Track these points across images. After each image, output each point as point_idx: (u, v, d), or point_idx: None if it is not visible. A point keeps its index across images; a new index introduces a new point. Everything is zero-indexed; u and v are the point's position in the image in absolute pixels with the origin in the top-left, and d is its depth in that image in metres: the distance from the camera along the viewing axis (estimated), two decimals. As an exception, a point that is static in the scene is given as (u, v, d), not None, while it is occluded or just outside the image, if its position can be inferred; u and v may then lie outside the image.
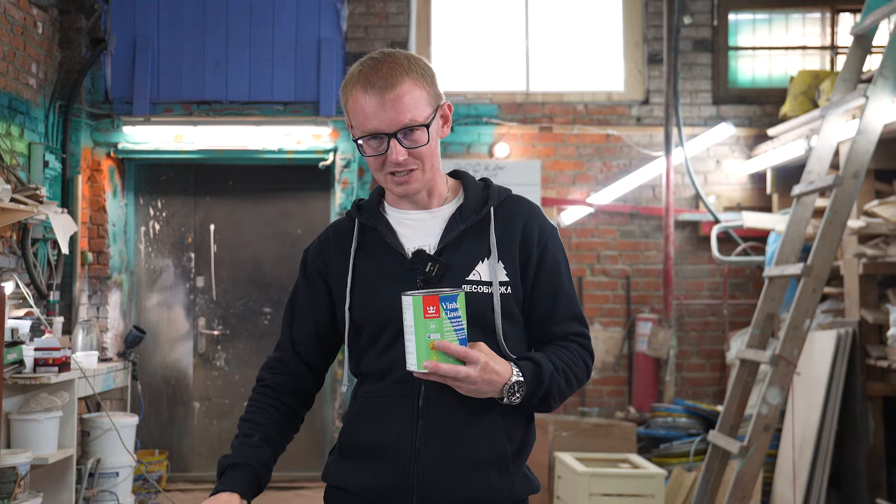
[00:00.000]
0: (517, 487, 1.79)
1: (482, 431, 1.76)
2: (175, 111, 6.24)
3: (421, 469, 1.74)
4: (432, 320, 1.65)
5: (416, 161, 1.77)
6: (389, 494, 1.76)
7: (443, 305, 1.64)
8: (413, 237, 1.83)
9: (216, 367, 6.46)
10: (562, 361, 1.79)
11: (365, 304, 1.82)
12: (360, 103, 1.75)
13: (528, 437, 1.85)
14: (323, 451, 6.43)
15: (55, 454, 4.49)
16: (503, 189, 1.90)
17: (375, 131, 1.74)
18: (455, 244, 1.81)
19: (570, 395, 1.82)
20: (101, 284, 6.11)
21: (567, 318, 1.85)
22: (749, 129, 6.30)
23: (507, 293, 1.79)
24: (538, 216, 1.87)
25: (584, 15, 6.52)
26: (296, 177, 6.47)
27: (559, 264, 1.85)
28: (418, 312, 1.65)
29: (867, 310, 4.81)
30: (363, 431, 1.81)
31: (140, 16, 6.25)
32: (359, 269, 1.84)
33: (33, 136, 5.57)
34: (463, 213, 1.83)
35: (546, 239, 1.84)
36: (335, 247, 1.91)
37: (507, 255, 1.80)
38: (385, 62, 1.75)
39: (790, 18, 6.56)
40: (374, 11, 6.31)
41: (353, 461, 1.83)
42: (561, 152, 6.31)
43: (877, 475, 4.78)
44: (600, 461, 5.00)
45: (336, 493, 1.87)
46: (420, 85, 1.75)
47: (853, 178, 4.04)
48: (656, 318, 6.07)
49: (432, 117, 1.77)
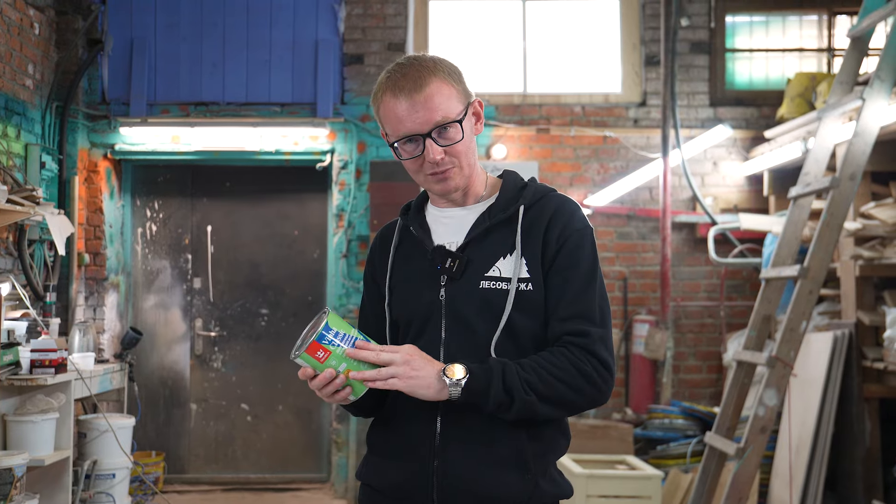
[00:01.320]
0: (542, 488, 1.77)
1: (502, 430, 1.76)
2: (172, 112, 6.23)
3: (441, 467, 1.76)
4: (332, 358, 1.68)
5: (452, 159, 1.80)
6: (411, 491, 1.79)
7: (323, 343, 1.67)
8: (446, 234, 1.87)
9: (213, 368, 6.45)
10: (536, 364, 1.72)
11: (399, 301, 1.88)
12: (392, 108, 1.78)
13: (557, 439, 1.83)
14: (320, 453, 6.43)
15: (51, 456, 4.48)
16: (543, 189, 1.89)
17: (410, 133, 1.78)
18: (479, 240, 1.83)
19: (569, 397, 1.73)
20: (97, 286, 6.10)
21: (571, 316, 1.77)
22: (746, 131, 6.31)
23: (527, 290, 1.78)
24: (566, 213, 1.83)
25: (582, 17, 6.53)
26: (293, 178, 6.47)
27: (577, 262, 1.80)
28: (315, 364, 1.68)
29: (863, 312, 4.81)
30: (387, 430, 1.87)
31: (137, 17, 6.24)
32: (396, 267, 1.90)
33: (30, 137, 5.57)
34: (492, 210, 1.85)
35: (568, 235, 1.81)
36: (380, 249, 1.97)
37: (529, 251, 1.80)
38: (411, 66, 1.79)
39: (787, 21, 6.57)
40: (372, 13, 6.31)
41: (379, 459, 1.87)
42: (558, 154, 6.31)
43: (873, 476, 4.79)
44: (597, 463, 5.01)
45: (366, 490, 1.92)
46: (448, 83, 1.79)
47: (850, 180, 4.04)
48: (653, 319, 6.08)
49: (464, 114, 1.81)
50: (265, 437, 6.43)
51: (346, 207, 6.18)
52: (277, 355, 6.40)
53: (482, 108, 1.89)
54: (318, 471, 6.42)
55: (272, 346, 6.43)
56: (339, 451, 6.10)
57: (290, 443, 6.44)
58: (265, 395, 6.44)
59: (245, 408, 6.43)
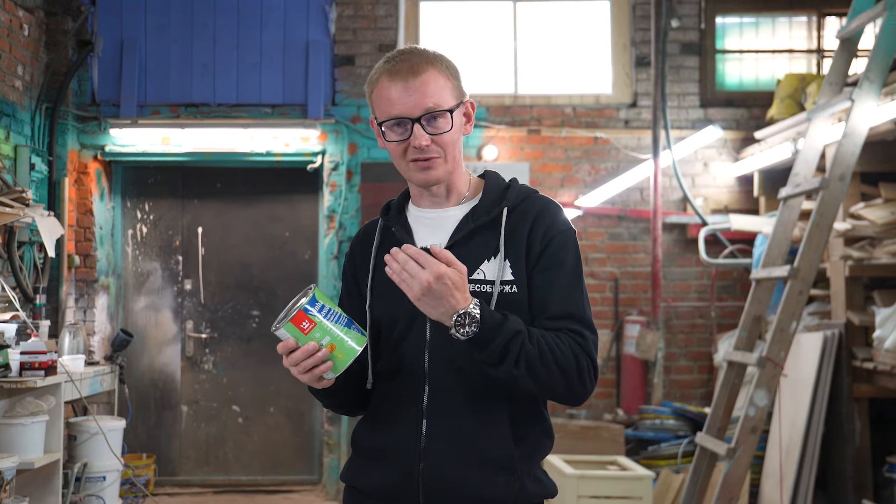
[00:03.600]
0: (528, 490, 1.78)
1: (487, 432, 1.76)
2: (162, 114, 6.22)
3: (426, 469, 1.76)
4: (316, 330, 1.65)
5: (438, 149, 1.80)
6: (397, 494, 1.79)
7: (309, 314, 1.65)
8: (428, 236, 1.86)
9: (204, 370, 6.44)
10: (542, 337, 1.71)
11: (380, 302, 1.85)
12: (386, 90, 1.79)
13: (541, 440, 1.83)
14: (311, 455, 6.42)
15: (41, 458, 4.46)
16: (526, 190, 1.89)
17: (399, 116, 1.78)
18: (463, 243, 1.82)
19: (547, 376, 1.70)
20: (87, 288, 6.08)
21: (562, 315, 1.76)
22: (736, 132, 6.32)
23: (511, 292, 1.78)
24: (549, 215, 1.83)
25: (572, 18, 6.54)
26: (284, 179, 6.46)
27: (561, 262, 1.79)
28: (298, 335, 1.66)
29: (853, 312, 4.83)
30: (372, 432, 1.85)
31: (127, 18, 6.23)
32: (378, 268, 1.87)
33: (19, 138, 5.54)
34: (476, 212, 1.84)
35: (552, 236, 1.80)
36: (361, 249, 1.95)
37: (513, 254, 1.80)
38: (411, 53, 1.81)
39: (777, 22, 6.59)
40: (363, 14, 6.30)
41: (364, 461, 1.86)
42: (549, 155, 6.32)
43: (863, 476, 4.81)
44: (588, 463, 5.01)
45: (351, 492, 1.90)
46: (445, 76, 1.80)
47: (839, 180, 4.06)
48: (644, 320, 6.09)
49: (456, 107, 1.81)
50: (256, 439, 6.42)
51: (337, 209, 6.18)
52: (269, 357, 6.38)
53: (474, 109, 1.89)
54: (310, 473, 6.41)
55: (263, 348, 6.41)
56: (330, 452, 6.09)
57: (282, 445, 6.43)
58: (256, 396, 6.42)
59: (236, 410, 6.42)
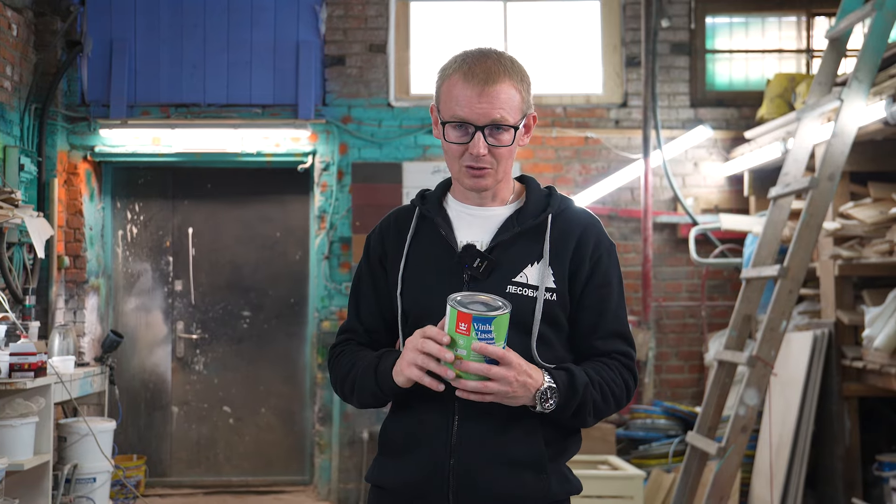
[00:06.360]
0: (554, 488, 1.80)
1: (518, 430, 1.78)
2: (152, 114, 6.20)
3: (456, 465, 1.76)
4: (461, 336, 1.66)
5: (492, 160, 1.80)
6: (426, 490, 1.79)
7: (474, 325, 1.64)
8: (468, 232, 1.86)
9: (195, 371, 6.42)
10: (599, 376, 1.79)
11: (413, 292, 1.85)
12: (458, 89, 1.78)
13: (570, 440, 1.86)
14: (303, 455, 6.41)
15: (31, 460, 4.44)
16: (565, 199, 1.93)
17: (464, 120, 1.78)
18: (507, 245, 1.83)
19: (607, 413, 1.81)
20: (77, 289, 6.06)
21: (612, 335, 1.84)
22: (726, 132, 6.34)
23: (551, 300, 1.80)
24: (595, 229, 1.88)
25: (563, 18, 6.54)
26: (274, 180, 6.45)
27: (610, 280, 1.86)
28: (451, 324, 1.66)
29: (843, 311, 4.85)
30: (401, 428, 1.84)
31: (116, 18, 6.20)
32: (412, 256, 1.87)
33: (8, 139, 5.52)
34: (521, 215, 1.86)
35: (601, 253, 1.85)
36: (394, 234, 1.93)
37: (557, 262, 1.82)
38: (491, 57, 1.80)
39: (766, 22, 6.61)
40: (353, 14, 6.30)
41: (392, 458, 1.85)
42: (540, 155, 6.32)
43: (853, 474, 4.82)
44: (579, 463, 5.01)
45: (376, 491, 1.89)
46: (518, 89, 1.80)
47: (829, 180, 4.07)
48: (635, 319, 6.09)
49: (520, 122, 1.81)
50: (247, 439, 6.41)
51: (328, 209, 6.17)
52: (260, 357, 6.38)
53: (535, 122, 1.89)
54: (301, 473, 6.40)
55: (254, 349, 6.40)
56: (321, 453, 6.08)
57: (273, 445, 6.42)
58: (247, 397, 6.41)
59: (227, 410, 6.40)
